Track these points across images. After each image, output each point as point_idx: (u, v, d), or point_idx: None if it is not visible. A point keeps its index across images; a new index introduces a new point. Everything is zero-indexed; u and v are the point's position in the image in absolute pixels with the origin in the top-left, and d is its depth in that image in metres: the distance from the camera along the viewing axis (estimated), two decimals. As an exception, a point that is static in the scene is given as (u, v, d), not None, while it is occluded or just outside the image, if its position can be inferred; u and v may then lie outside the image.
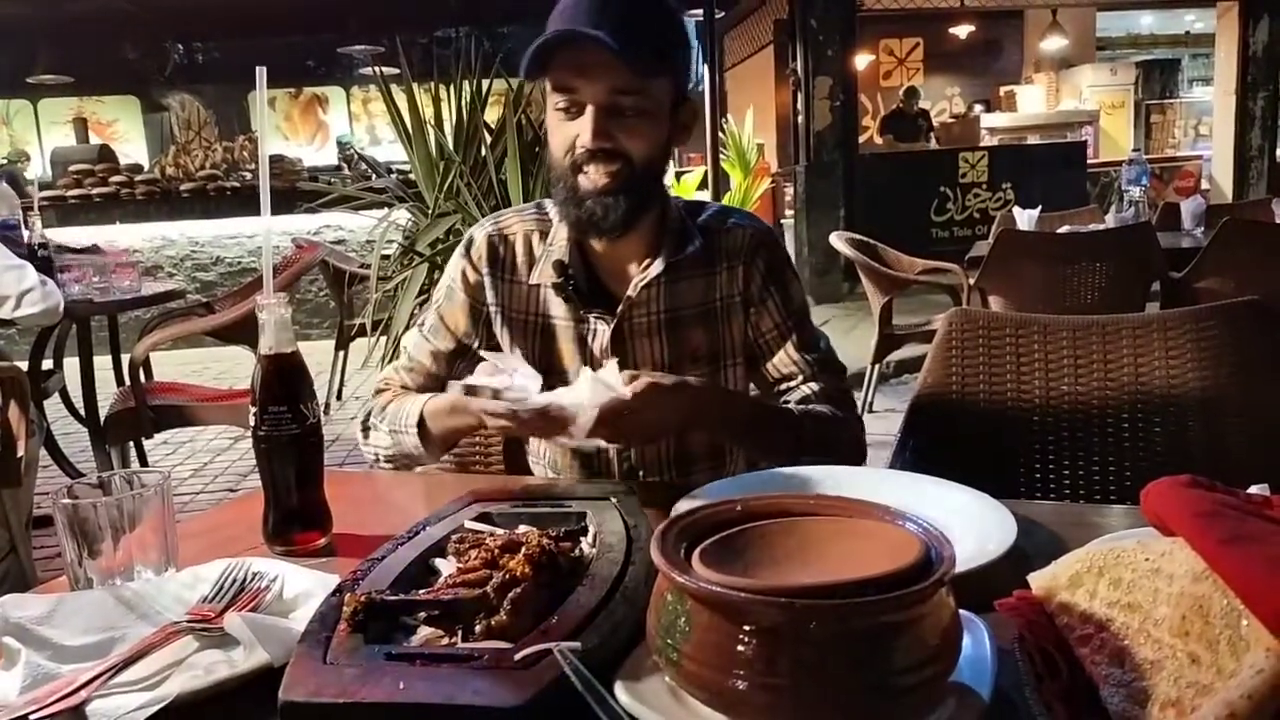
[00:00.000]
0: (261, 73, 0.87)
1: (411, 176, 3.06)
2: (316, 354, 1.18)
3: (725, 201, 7.11)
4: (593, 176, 1.15)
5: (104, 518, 0.80)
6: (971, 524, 0.84)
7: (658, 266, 1.23)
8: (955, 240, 7.30)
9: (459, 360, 1.31)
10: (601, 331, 1.25)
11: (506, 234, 1.30)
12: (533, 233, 1.29)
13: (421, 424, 1.21)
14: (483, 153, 2.82)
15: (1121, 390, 1.35)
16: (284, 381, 0.89)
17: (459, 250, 1.32)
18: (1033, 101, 10.86)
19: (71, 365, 3.44)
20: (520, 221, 1.31)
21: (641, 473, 1.29)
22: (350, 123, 10.90)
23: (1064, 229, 3.87)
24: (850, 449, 1.25)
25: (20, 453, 2.25)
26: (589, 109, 1.13)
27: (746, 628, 0.52)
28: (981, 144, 8.58)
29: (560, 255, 1.25)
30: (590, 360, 1.26)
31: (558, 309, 1.27)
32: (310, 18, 9.16)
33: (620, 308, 1.25)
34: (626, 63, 1.10)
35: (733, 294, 1.28)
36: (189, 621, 0.69)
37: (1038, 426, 1.37)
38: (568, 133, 1.16)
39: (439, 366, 1.31)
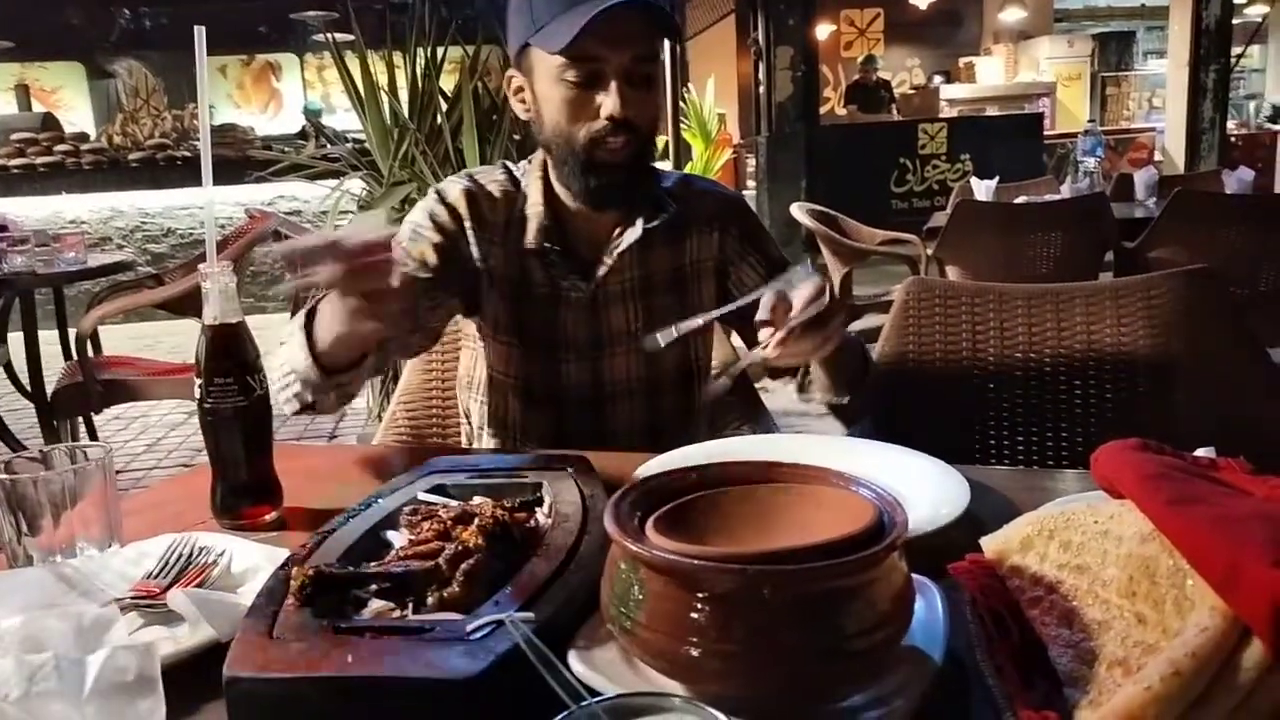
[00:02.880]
0: (200, 33, 0.84)
1: (366, 145, 3.00)
2: (271, 327, 1.15)
3: (688, 170, 7.08)
4: (612, 148, 1.13)
5: (43, 493, 0.77)
6: (925, 489, 0.85)
7: (636, 231, 1.22)
8: (914, 211, 7.35)
9: (422, 299, 1.17)
10: (576, 297, 1.24)
11: (485, 189, 1.26)
12: (509, 193, 1.26)
13: (307, 325, 1.05)
14: (438, 121, 2.77)
15: (1074, 357, 1.37)
16: (229, 352, 0.87)
17: (428, 200, 1.26)
18: (991, 73, 10.95)
19: (15, 340, 3.35)
20: (495, 181, 1.27)
21: (611, 442, 1.28)
22: (305, 91, 10.67)
23: (1020, 199, 3.92)
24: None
25: (-38, 429, 2.19)
26: (613, 79, 1.10)
27: (700, 595, 0.52)
28: (941, 115, 8.63)
29: (538, 220, 1.22)
30: (564, 326, 1.24)
31: (535, 274, 1.24)
32: (262, -18, 8.94)
33: (600, 273, 1.23)
34: (671, 29, 1.10)
35: (703, 258, 1.29)
36: (132, 598, 0.68)
37: (992, 393, 1.39)
38: (582, 106, 1.12)
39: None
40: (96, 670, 0.49)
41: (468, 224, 1.24)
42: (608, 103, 1.10)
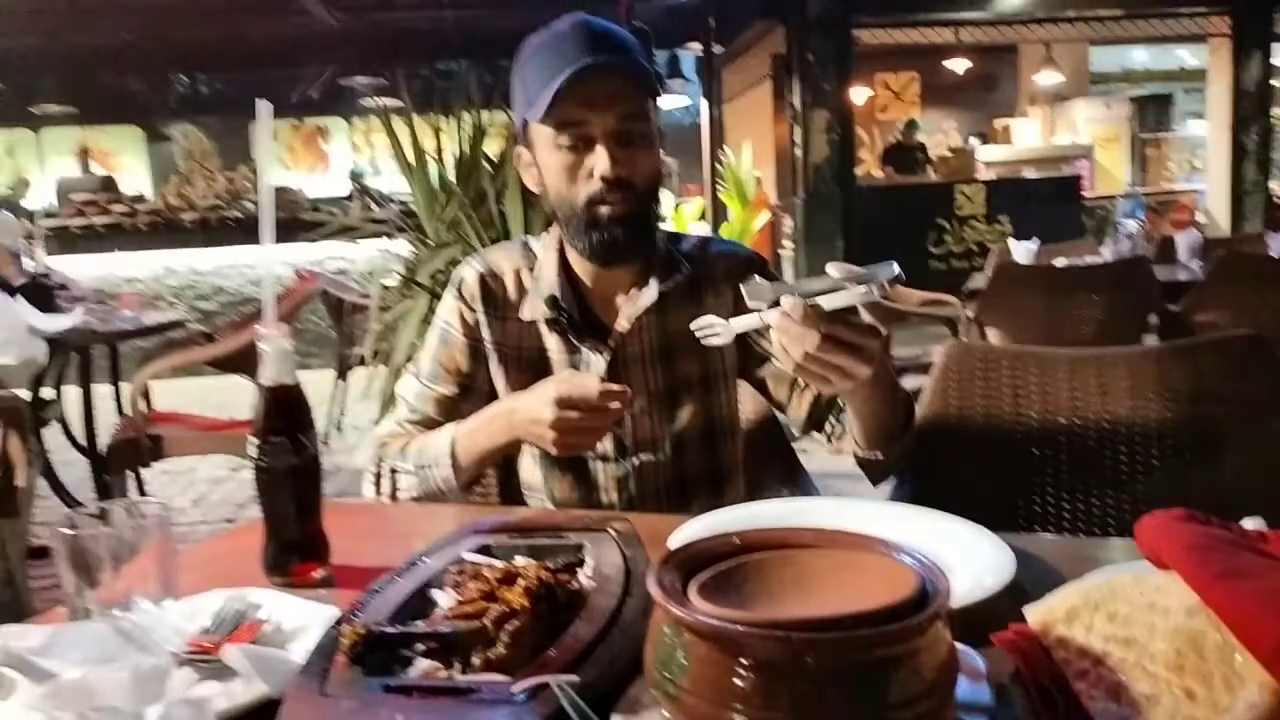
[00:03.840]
0: (264, 107, 0.88)
1: (412, 207, 3.08)
2: (316, 383, 1.18)
3: (724, 232, 7.15)
4: (611, 205, 1.17)
5: (104, 548, 0.80)
6: (969, 558, 0.84)
7: (651, 293, 1.25)
8: (953, 272, 7.34)
9: (464, 404, 1.29)
10: (596, 362, 1.26)
11: (496, 271, 1.32)
12: (521, 269, 1.31)
13: (454, 452, 1.20)
14: (483, 184, 2.84)
15: (1118, 422, 1.36)
16: (284, 413, 0.90)
17: (450, 292, 1.33)
18: (1028, 135, 10.97)
19: (71, 394, 3.44)
20: (507, 258, 1.33)
21: (639, 504, 1.29)
22: (352, 153, 10.98)
23: (1061, 262, 3.90)
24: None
25: (19, 483, 2.25)
26: (600, 140, 1.15)
27: (743, 661, 0.52)
28: (978, 177, 8.66)
29: (550, 289, 1.26)
30: None
31: (551, 342, 1.28)
32: (313, 50, 9.27)
33: (614, 339, 1.26)
34: (647, 87, 1.13)
35: (723, 318, 1.30)
36: (188, 653, 0.69)
37: (1036, 459, 1.38)
38: (576, 168, 1.17)
39: (444, 413, 1.29)
40: (157, 724, 0.50)
41: (480, 312, 1.29)
42: (599, 164, 1.15)
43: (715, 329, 1.07)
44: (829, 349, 0.94)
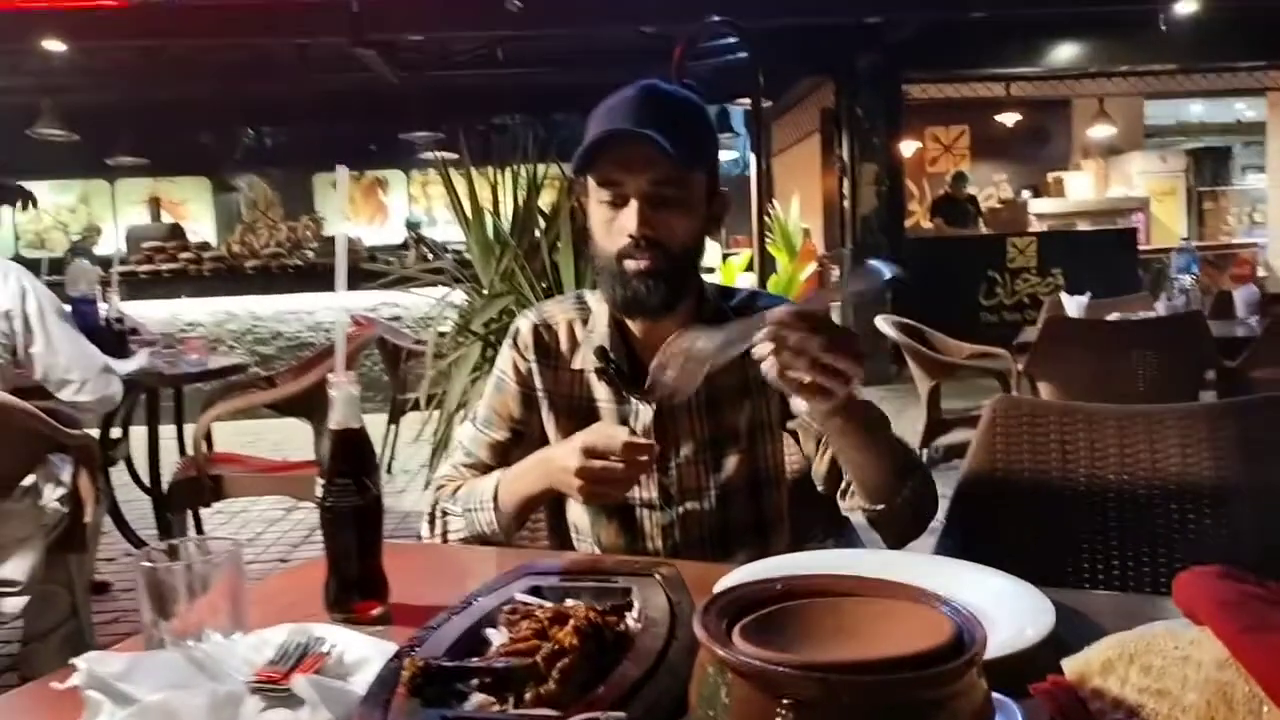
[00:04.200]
0: (343, 172, 0.95)
1: (467, 257, 3.17)
2: (369, 427, 1.23)
3: (771, 284, 7.18)
4: (638, 261, 1.22)
5: (180, 581, 0.85)
6: (1010, 610, 0.85)
7: None
8: (1005, 325, 7.28)
9: (515, 449, 1.35)
10: (643, 413, 1.30)
11: (550, 322, 1.38)
12: (574, 320, 1.37)
13: (496, 496, 1.25)
14: (537, 236, 2.92)
15: (1169, 481, 1.35)
16: (350, 456, 0.95)
17: (506, 342, 1.39)
18: (1081, 188, 10.89)
19: (136, 434, 3.57)
20: (562, 310, 1.39)
21: (684, 551, 1.31)
22: (409, 204, 11.28)
23: (1114, 316, 3.86)
24: (927, 485, 1.27)
25: (88, 519, 2.34)
26: (633, 200, 1.21)
27: (784, 701, 0.54)
28: (1030, 229, 8.60)
29: (601, 340, 1.32)
30: None
31: (601, 392, 1.33)
32: (373, 105, 9.59)
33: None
34: (670, 157, 1.18)
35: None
36: (256, 682, 0.73)
37: (1084, 516, 1.37)
38: (613, 222, 1.24)
39: (496, 458, 1.36)
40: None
41: (533, 361, 1.35)
42: (629, 221, 1.21)
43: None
44: (809, 344, 1.02)
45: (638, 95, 1.23)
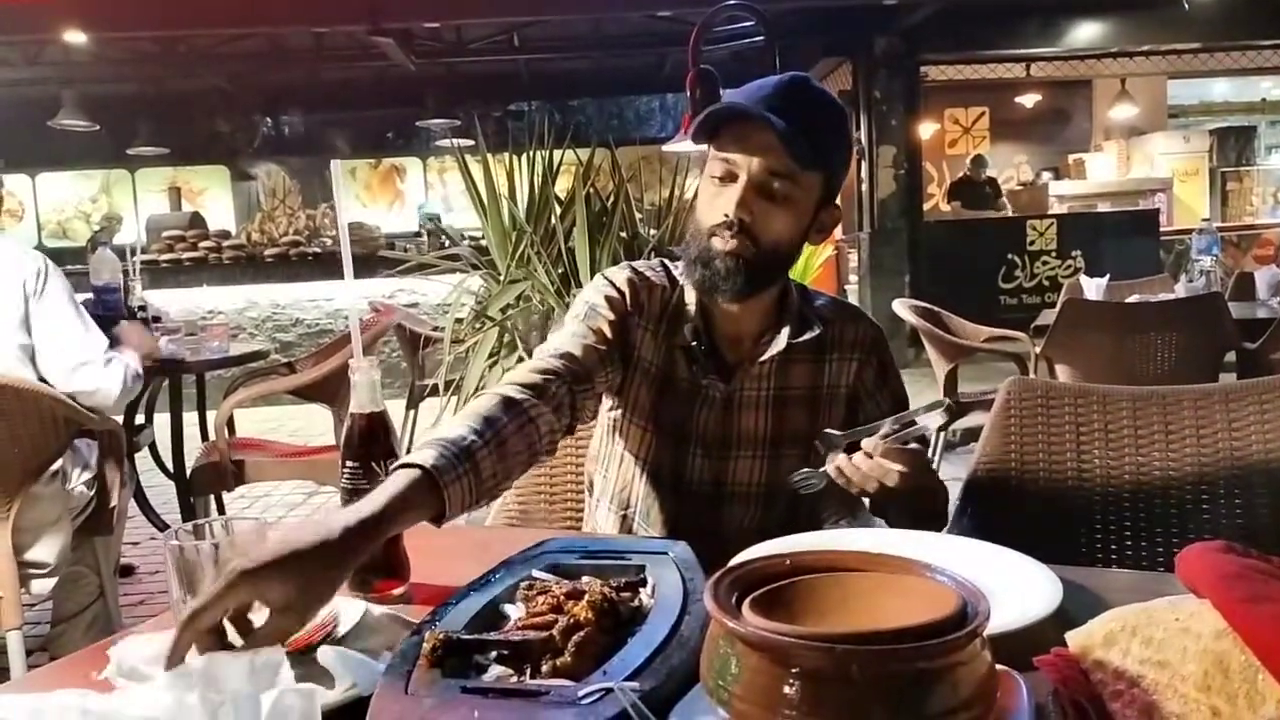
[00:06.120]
0: (336, 166, 0.96)
1: (484, 243, 3.19)
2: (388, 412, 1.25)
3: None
4: (725, 241, 1.21)
5: (207, 559, 0.87)
6: (1018, 586, 0.87)
7: (781, 342, 1.28)
8: (1024, 308, 7.23)
9: (601, 369, 1.25)
10: (713, 396, 1.30)
11: (647, 280, 1.34)
12: (666, 289, 1.34)
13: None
14: (553, 222, 2.93)
15: (1184, 462, 1.35)
16: (371, 438, 0.97)
17: (599, 283, 1.33)
18: (1103, 169, 10.77)
19: (159, 420, 3.62)
20: (654, 273, 1.35)
21: (720, 538, 1.31)
22: (426, 191, 11.30)
23: (1133, 298, 3.84)
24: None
25: (114, 503, 2.39)
26: (741, 181, 1.20)
27: (793, 670, 0.56)
28: (1050, 212, 8.53)
29: (692, 318, 1.30)
30: (698, 422, 1.30)
31: (680, 367, 1.31)
32: (390, 93, 9.63)
33: (740, 377, 1.30)
34: (787, 148, 1.16)
35: (839, 384, 1.33)
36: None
37: (1099, 497, 1.38)
38: (717, 197, 1.22)
39: (588, 360, 1.24)
40: (269, 708, 0.57)
41: (630, 309, 1.31)
42: (730, 200, 1.20)
43: (813, 480, 1.16)
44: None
45: (780, 82, 1.21)
